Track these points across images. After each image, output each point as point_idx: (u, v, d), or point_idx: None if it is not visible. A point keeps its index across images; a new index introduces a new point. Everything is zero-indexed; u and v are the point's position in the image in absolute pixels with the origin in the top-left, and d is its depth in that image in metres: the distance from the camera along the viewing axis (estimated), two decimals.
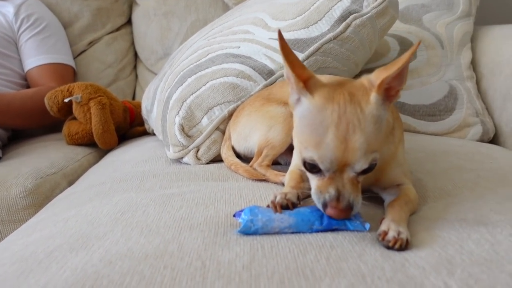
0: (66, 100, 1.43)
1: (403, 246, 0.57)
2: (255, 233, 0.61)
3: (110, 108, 1.47)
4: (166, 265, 0.53)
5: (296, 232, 0.62)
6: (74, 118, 1.49)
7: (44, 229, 0.72)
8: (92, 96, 1.45)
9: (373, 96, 0.61)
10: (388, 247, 0.57)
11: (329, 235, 0.61)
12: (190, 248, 0.58)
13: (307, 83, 0.63)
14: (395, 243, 0.57)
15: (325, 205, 0.61)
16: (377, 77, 0.62)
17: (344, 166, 0.60)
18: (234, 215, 0.64)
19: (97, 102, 1.43)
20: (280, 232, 0.61)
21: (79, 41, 1.87)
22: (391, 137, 0.73)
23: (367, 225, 0.62)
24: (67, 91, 1.46)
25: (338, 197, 0.60)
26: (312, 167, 0.62)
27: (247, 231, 0.61)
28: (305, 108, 0.62)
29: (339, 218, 0.61)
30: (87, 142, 1.48)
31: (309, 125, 0.61)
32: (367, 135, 0.58)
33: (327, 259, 0.54)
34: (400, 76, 0.62)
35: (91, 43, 1.90)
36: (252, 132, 0.97)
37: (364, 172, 0.61)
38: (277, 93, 0.99)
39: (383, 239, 0.58)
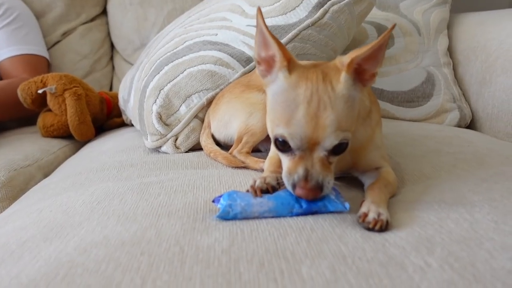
0: (40, 91, 1.39)
1: (384, 227, 0.56)
2: (234, 218, 0.60)
3: (86, 99, 1.44)
4: (143, 251, 0.52)
5: (276, 217, 0.61)
6: (49, 110, 1.46)
7: (17, 220, 0.70)
8: (67, 87, 1.41)
9: (343, 76, 0.61)
10: (369, 229, 0.57)
11: (310, 218, 0.60)
12: (168, 234, 0.56)
13: (288, 63, 0.63)
14: (375, 224, 0.57)
15: (294, 186, 0.60)
16: (348, 57, 0.62)
17: (314, 145, 0.60)
18: (213, 201, 0.63)
19: (72, 93, 1.40)
20: (259, 216, 0.61)
21: (53, 32, 1.83)
22: (368, 120, 0.73)
23: (347, 205, 0.61)
24: (41, 82, 1.42)
25: (307, 177, 0.59)
26: (282, 145, 0.62)
27: (225, 216, 0.60)
28: (279, 85, 0.63)
29: (308, 198, 0.60)
30: (63, 134, 1.45)
31: (281, 102, 0.61)
32: (337, 113, 0.59)
33: (308, 241, 0.53)
34: (374, 59, 0.62)
35: (65, 34, 1.85)
36: (232, 119, 0.96)
37: (335, 152, 0.61)
38: (256, 80, 0.98)
39: (363, 220, 0.58)
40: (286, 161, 0.63)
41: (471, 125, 1.42)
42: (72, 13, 1.86)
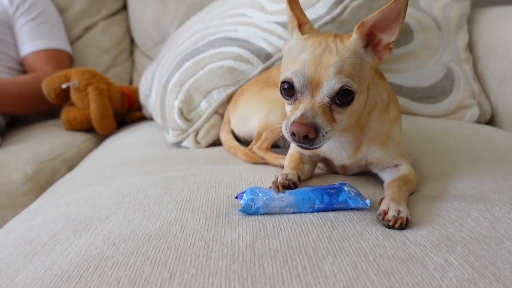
0: (63, 86, 1.42)
1: (403, 225, 0.57)
2: (256, 212, 0.62)
3: (108, 94, 1.46)
4: (169, 245, 0.54)
5: (298, 212, 0.62)
6: (72, 104, 1.49)
7: (46, 213, 0.72)
8: (89, 82, 1.44)
9: (353, 36, 0.64)
10: (389, 226, 0.58)
11: (331, 215, 0.61)
12: (193, 229, 0.58)
13: (302, 26, 0.69)
14: (395, 222, 0.57)
15: (292, 123, 0.61)
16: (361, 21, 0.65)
17: (317, 87, 0.61)
18: (236, 197, 0.65)
19: (94, 87, 1.43)
20: (281, 211, 0.62)
21: (75, 26, 1.85)
22: (385, 114, 0.74)
23: (368, 202, 0.62)
24: (65, 77, 1.45)
25: (304, 114, 0.60)
26: (287, 91, 0.64)
27: (248, 211, 0.62)
28: (292, 41, 0.68)
29: (300, 134, 0.60)
30: (86, 127, 1.48)
31: (291, 51, 0.66)
32: (341, 58, 0.61)
33: (329, 238, 0.55)
34: (389, 28, 0.63)
35: (87, 29, 1.88)
36: (251, 116, 0.97)
37: (339, 102, 0.62)
38: (276, 77, 0.98)
39: (383, 218, 0.59)
40: (289, 109, 0.66)
41: (490, 121, 1.40)
42: (93, 8, 1.89)
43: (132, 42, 1.99)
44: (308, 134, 0.60)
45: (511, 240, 0.53)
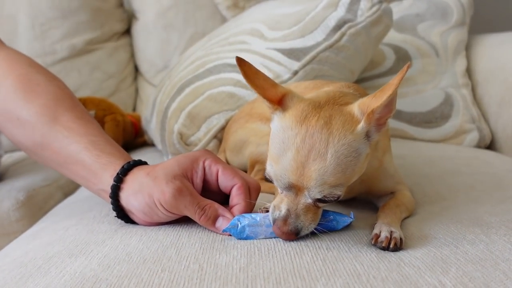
0: None
1: (398, 245, 0.57)
2: (242, 231, 0.62)
3: (123, 125, 1.48)
4: (164, 268, 0.54)
5: None
6: None
7: (44, 237, 0.73)
8: (106, 113, 1.45)
9: (360, 127, 0.57)
10: (383, 248, 0.57)
11: (326, 238, 0.61)
12: (188, 253, 0.58)
13: (282, 100, 0.60)
14: (388, 243, 0.57)
15: (274, 221, 0.60)
16: (366, 106, 0.58)
17: (300, 191, 0.58)
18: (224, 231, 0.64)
19: (112, 118, 1.44)
20: (267, 231, 0.61)
21: (76, 35, 1.83)
22: (374, 153, 0.69)
23: (352, 214, 0.64)
24: None
25: (287, 218, 0.58)
26: (272, 181, 0.61)
27: (233, 229, 0.62)
28: (275, 125, 0.60)
29: (281, 238, 0.60)
30: None
31: (275, 141, 0.59)
32: (330, 167, 0.55)
33: (324, 260, 0.55)
34: (390, 104, 0.57)
35: (89, 45, 1.86)
36: (242, 149, 0.96)
37: (323, 201, 0.59)
38: (258, 107, 0.97)
39: (376, 241, 0.59)
40: (278, 192, 0.62)
41: (490, 146, 1.41)
42: (96, 21, 1.87)
43: (135, 68, 2.02)
44: (288, 239, 0.60)
45: (506, 262, 0.53)
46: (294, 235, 0.59)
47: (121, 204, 0.68)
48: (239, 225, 0.62)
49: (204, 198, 0.66)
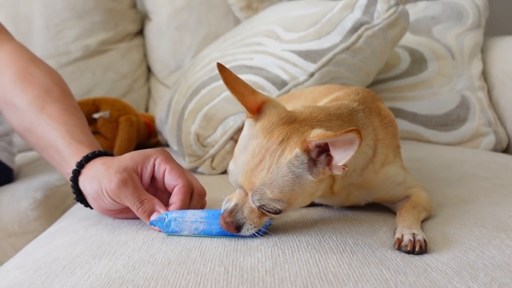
0: (96, 116, 1.43)
1: (423, 247, 0.57)
2: (168, 225, 0.65)
3: (137, 126, 1.48)
4: (189, 270, 0.54)
5: (207, 227, 0.64)
6: (97, 133, 1.50)
7: (64, 237, 0.73)
8: (121, 113, 1.46)
9: (295, 152, 0.58)
10: (408, 252, 0.57)
11: (349, 241, 0.61)
12: (212, 255, 0.58)
13: (261, 107, 0.62)
14: (413, 246, 0.57)
15: (223, 212, 0.63)
16: (316, 135, 0.58)
17: (247, 193, 0.61)
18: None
19: (126, 119, 1.44)
20: (193, 225, 0.65)
21: (90, 36, 1.84)
22: (371, 166, 0.69)
23: (269, 221, 0.65)
24: (93, 104, 1.47)
25: (232, 211, 0.62)
26: None
27: (160, 222, 0.66)
28: (245, 129, 0.63)
29: (223, 229, 0.62)
30: None
31: (240, 143, 0.62)
32: (269, 180, 0.58)
33: (349, 264, 0.54)
34: (340, 150, 0.56)
35: (102, 46, 1.87)
36: None
37: (264, 210, 0.61)
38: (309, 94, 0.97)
39: (399, 246, 0.58)
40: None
41: (507, 149, 1.40)
42: (110, 21, 1.88)
43: (148, 69, 2.03)
44: (230, 231, 0.62)
45: None
46: (234, 229, 0.62)
47: (80, 188, 0.75)
48: (166, 219, 0.66)
49: (147, 193, 0.71)
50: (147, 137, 1.63)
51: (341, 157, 0.56)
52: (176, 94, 1.30)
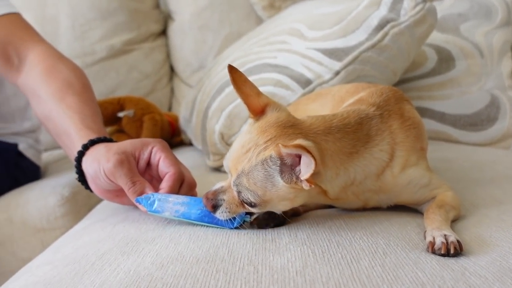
0: (120, 115, 1.46)
1: (458, 249, 0.55)
2: (152, 203, 0.70)
3: (161, 125, 1.50)
4: (218, 269, 0.53)
5: (187, 211, 0.68)
6: (121, 131, 1.52)
7: (92, 233, 0.73)
8: (145, 112, 1.48)
9: (271, 153, 0.60)
10: (443, 255, 0.55)
11: (381, 242, 0.59)
12: (240, 254, 0.57)
13: (264, 108, 0.66)
14: (447, 248, 0.55)
15: None
16: (290, 144, 0.59)
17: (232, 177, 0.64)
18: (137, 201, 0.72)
19: (151, 117, 1.47)
20: (174, 206, 0.69)
21: (113, 36, 1.87)
22: (388, 170, 0.68)
23: (247, 217, 0.67)
24: (118, 103, 1.49)
25: (216, 192, 0.65)
26: None
27: (145, 200, 0.70)
28: (247, 126, 0.67)
29: (203, 203, 0.66)
30: None
31: (239, 136, 0.67)
32: (247, 171, 0.61)
33: (382, 266, 0.53)
34: (304, 166, 0.57)
35: (126, 46, 1.89)
36: None
37: (241, 198, 0.63)
38: (298, 110, 0.95)
39: (432, 249, 0.56)
40: None
41: None
42: (133, 22, 1.90)
43: (171, 68, 2.04)
44: (207, 208, 0.66)
45: None
46: (211, 206, 0.65)
47: (83, 169, 0.80)
48: (151, 198, 0.70)
49: (140, 176, 0.75)
50: (171, 136, 1.64)
51: (304, 171, 0.58)
52: (200, 93, 1.30)
